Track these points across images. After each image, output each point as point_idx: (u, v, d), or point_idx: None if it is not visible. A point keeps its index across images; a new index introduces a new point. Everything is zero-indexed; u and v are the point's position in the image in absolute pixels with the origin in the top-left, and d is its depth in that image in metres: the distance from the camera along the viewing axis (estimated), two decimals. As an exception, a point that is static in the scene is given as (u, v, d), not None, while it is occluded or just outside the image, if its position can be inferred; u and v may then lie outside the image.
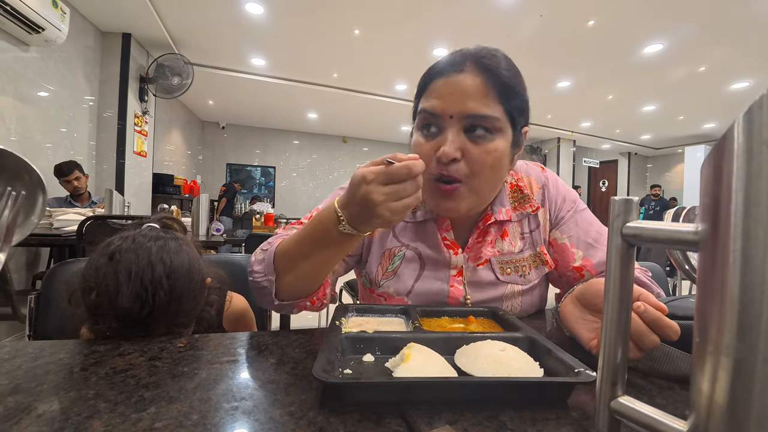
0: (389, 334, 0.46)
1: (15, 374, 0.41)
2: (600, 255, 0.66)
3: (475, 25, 3.81)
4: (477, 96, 0.55)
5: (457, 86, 0.56)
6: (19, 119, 2.77)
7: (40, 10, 2.53)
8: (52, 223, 2.23)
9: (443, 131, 0.57)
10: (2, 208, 0.39)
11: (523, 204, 0.69)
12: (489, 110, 0.55)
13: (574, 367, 0.37)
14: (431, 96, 0.58)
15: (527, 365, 0.40)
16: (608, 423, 0.26)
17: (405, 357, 0.39)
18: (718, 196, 0.17)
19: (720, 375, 0.17)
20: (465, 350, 0.43)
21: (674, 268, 2.68)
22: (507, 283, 0.67)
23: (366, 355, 0.44)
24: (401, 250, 0.68)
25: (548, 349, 0.42)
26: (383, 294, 0.67)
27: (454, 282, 0.66)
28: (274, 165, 8.63)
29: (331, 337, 0.43)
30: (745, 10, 3.39)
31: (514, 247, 0.67)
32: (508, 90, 0.57)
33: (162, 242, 0.60)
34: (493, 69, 0.56)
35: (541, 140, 8.96)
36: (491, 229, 0.67)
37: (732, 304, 0.16)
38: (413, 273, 0.66)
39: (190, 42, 4.30)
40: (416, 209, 0.68)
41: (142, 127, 4.20)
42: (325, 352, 0.39)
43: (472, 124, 0.56)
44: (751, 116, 0.16)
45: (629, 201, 0.25)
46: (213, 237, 2.54)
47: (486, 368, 0.38)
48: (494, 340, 0.44)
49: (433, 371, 0.38)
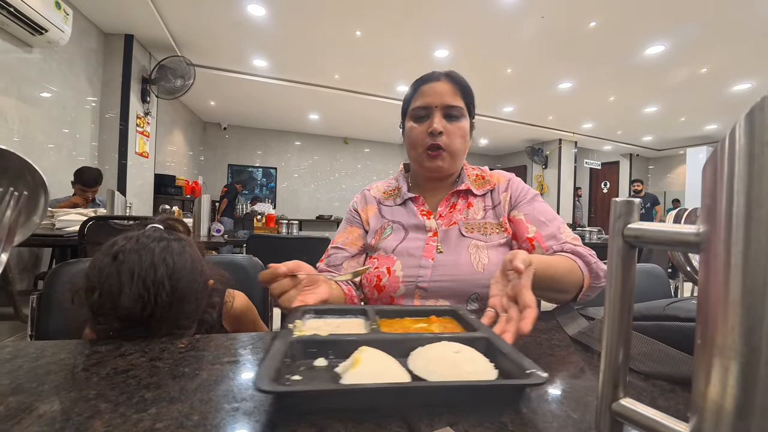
0: (343, 337, 0.44)
1: (16, 374, 0.41)
2: (549, 230, 0.82)
3: (477, 26, 3.81)
4: (450, 94, 0.85)
5: (438, 88, 0.85)
6: (22, 120, 2.79)
7: (43, 12, 2.54)
8: (54, 224, 2.23)
9: (430, 117, 0.84)
10: (4, 209, 0.40)
11: (484, 185, 0.92)
12: (457, 102, 0.85)
13: (526, 368, 0.36)
14: (421, 96, 0.86)
15: (480, 367, 0.39)
16: (609, 425, 0.26)
17: (354, 361, 0.37)
18: (719, 198, 0.17)
19: (722, 377, 0.17)
20: (419, 353, 0.42)
21: (676, 269, 2.68)
22: (470, 238, 0.84)
23: (318, 359, 0.42)
24: (389, 225, 0.91)
25: (503, 351, 0.41)
26: (377, 256, 0.88)
27: (430, 240, 0.85)
28: (276, 166, 8.64)
29: (278, 342, 0.41)
30: (747, 11, 3.38)
31: (477, 215, 0.88)
32: (466, 91, 0.87)
33: (165, 243, 0.60)
34: (457, 79, 0.87)
35: (542, 142, 8.95)
36: (459, 200, 0.90)
37: (734, 306, 0.16)
38: (399, 237, 0.88)
39: (192, 43, 4.31)
40: (396, 197, 0.94)
41: (144, 128, 4.22)
42: (270, 358, 0.36)
43: (448, 111, 0.84)
44: (752, 118, 0.16)
45: (630, 202, 0.25)
46: (213, 238, 2.55)
47: (438, 372, 0.37)
48: (450, 341, 0.43)
49: (383, 376, 0.36)
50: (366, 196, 0.98)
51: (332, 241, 0.95)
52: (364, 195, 0.99)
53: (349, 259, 0.90)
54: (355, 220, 0.96)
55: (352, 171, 9.28)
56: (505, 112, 6.91)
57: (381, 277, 0.83)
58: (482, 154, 10.49)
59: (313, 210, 8.76)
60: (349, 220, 0.97)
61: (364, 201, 0.97)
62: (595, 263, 0.76)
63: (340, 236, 0.95)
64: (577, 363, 0.49)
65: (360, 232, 0.94)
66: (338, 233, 0.96)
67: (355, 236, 0.93)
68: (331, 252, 0.92)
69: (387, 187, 0.98)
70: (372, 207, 0.95)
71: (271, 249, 2.36)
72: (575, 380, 0.44)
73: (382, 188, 0.98)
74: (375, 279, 0.83)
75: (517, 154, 10.02)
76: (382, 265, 0.84)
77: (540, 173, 9.14)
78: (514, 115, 7.06)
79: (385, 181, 1.01)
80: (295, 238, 2.49)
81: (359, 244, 0.93)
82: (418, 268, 0.81)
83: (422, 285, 0.80)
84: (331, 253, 0.92)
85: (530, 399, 0.38)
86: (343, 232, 0.95)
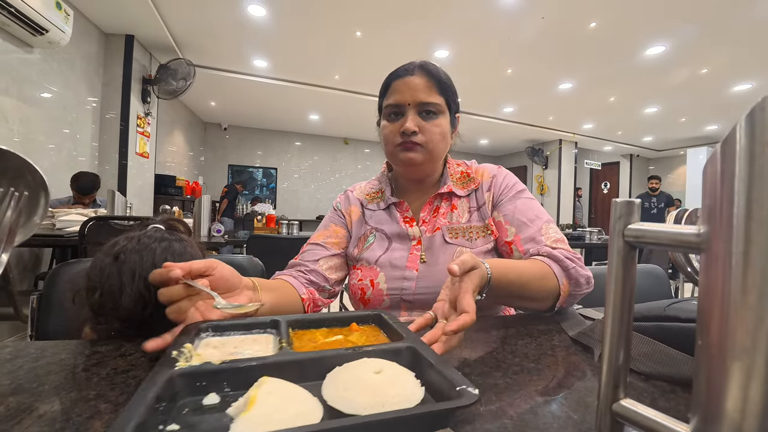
0: (238, 364, 0.36)
1: (17, 374, 0.41)
2: (529, 232, 0.76)
3: (477, 26, 3.81)
4: (424, 90, 0.77)
5: (411, 84, 0.77)
6: (23, 120, 2.79)
7: (43, 12, 2.54)
8: (54, 224, 2.23)
9: (404, 115, 0.77)
10: (5, 209, 0.40)
11: (468, 183, 0.86)
12: (433, 98, 0.77)
13: (455, 385, 0.32)
14: (393, 93, 0.79)
15: (406, 389, 0.34)
16: (610, 426, 0.26)
17: (249, 401, 0.30)
18: (720, 198, 0.17)
19: (722, 377, 0.17)
20: (335, 376, 0.36)
21: (676, 270, 2.68)
22: (455, 245, 0.79)
23: (209, 395, 0.34)
24: (372, 233, 0.85)
25: (430, 363, 0.37)
26: (360, 267, 0.83)
27: (414, 250, 0.80)
28: (276, 166, 8.65)
29: (155, 380, 0.32)
30: (748, 12, 3.38)
31: (462, 218, 0.83)
32: (444, 86, 0.79)
33: (166, 243, 0.60)
34: (434, 72, 0.79)
35: (542, 142, 8.95)
36: (442, 203, 0.84)
37: (734, 306, 0.16)
38: (382, 246, 0.83)
39: (192, 44, 4.32)
40: (380, 200, 0.88)
41: (145, 129, 4.22)
42: (137, 404, 0.29)
43: (423, 109, 0.77)
44: (753, 118, 0.16)
45: (631, 203, 0.25)
46: (214, 238, 2.55)
47: (357, 400, 0.32)
48: (372, 357, 0.38)
49: (285, 418, 0.29)
50: (349, 197, 0.92)
51: (310, 239, 0.88)
52: (348, 196, 0.93)
53: (327, 258, 0.84)
54: (340, 220, 0.90)
55: (352, 171, 9.28)
56: (505, 113, 6.91)
57: (365, 290, 0.79)
58: (482, 154, 10.50)
59: (314, 210, 8.77)
60: (332, 218, 0.91)
61: (348, 202, 0.92)
62: (574, 268, 0.69)
63: (320, 234, 0.88)
64: (577, 363, 0.49)
65: (344, 233, 0.88)
66: (318, 232, 0.89)
67: (339, 236, 0.87)
68: (307, 248, 0.85)
69: (370, 189, 0.92)
70: (356, 209, 0.90)
71: (271, 249, 2.36)
72: (575, 381, 0.44)
73: (366, 190, 0.93)
74: (359, 292, 0.80)
75: (517, 155, 10.02)
76: (365, 277, 0.80)
77: (540, 174, 9.14)
78: (515, 115, 7.06)
79: (368, 182, 0.95)
80: (296, 239, 2.49)
81: (342, 245, 0.87)
82: (402, 280, 0.77)
83: (407, 298, 0.76)
84: (308, 249, 0.85)
85: (529, 400, 0.38)
86: (325, 230, 0.88)
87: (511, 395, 0.39)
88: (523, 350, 0.53)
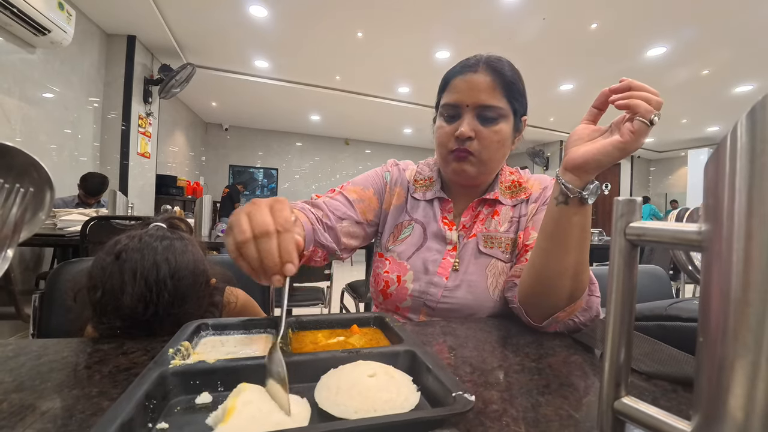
0: (233, 363, 0.37)
1: (19, 372, 0.41)
2: None
3: (478, 28, 3.81)
4: (487, 90, 0.69)
5: (472, 83, 0.70)
6: (25, 120, 2.80)
7: (46, 12, 2.55)
8: (56, 223, 2.24)
9: (460, 117, 0.71)
10: (11, 205, 0.40)
11: (518, 193, 0.80)
12: (495, 101, 0.70)
13: (451, 391, 0.32)
14: (452, 91, 0.72)
15: (399, 394, 0.33)
16: (611, 423, 0.26)
17: (227, 411, 0.30)
18: (721, 196, 0.17)
19: (724, 376, 0.17)
20: (329, 379, 0.36)
21: (677, 270, 2.67)
22: (489, 256, 0.75)
23: (202, 394, 0.34)
24: (410, 224, 0.80)
25: (428, 367, 0.37)
26: (389, 258, 0.78)
27: (448, 255, 0.76)
28: (277, 167, 8.65)
29: (145, 378, 0.33)
30: (749, 13, 3.38)
31: (500, 226, 0.77)
32: (510, 87, 0.71)
33: (168, 242, 0.60)
34: (500, 70, 0.71)
35: (543, 143, 8.95)
36: (483, 208, 0.79)
37: (736, 304, 0.16)
38: (417, 242, 0.78)
39: (194, 44, 4.33)
40: (427, 190, 0.82)
41: (146, 129, 4.23)
42: (124, 402, 0.29)
43: (482, 112, 0.70)
44: (754, 116, 0.16)
45: (632, 201, 0.25)
46: (218, 238, 2.55)
47: (348, 404, 0.32)
48: (368, 359, 0.38)
49: (264, 427, 0.28)
50: (401, 175, 0.85)
51: (345, 185, 0.81)
52: (400, 172, 0.85)
53: (352, 223, 0.77)
54: (380, 194, 0.82)
55: (353, 172, 9.28)
56: (506, 114, 6.90)
57: (389, 284, 0.75)
58: (483, 155, 10.49)
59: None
60: (374, 184, 0.82)
61: (398, 179, 0.84)
62: (590, 296, 0.62)
63: (355, 190, 0.80)
64: (579, 363, 0.49)
65: (376, 207, 0.81)
66: (355, 185, 0.81)
67: (370, 207, 0.80)
68: (339, 198, 0.77)
69: (419, 175, 0.85)
70: (401, 192, 0.83)
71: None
72: (577, 380, 0.44)
73: (415, 174, 0.85)
74: (383, 283, 0.76)
75: (518, 156, 10.01)
76: (393, 270, 0.76)
77: (541, 175, 9.13)
78: (516, 116, 7.05)
79: (418, 164, 0.88)
80: (296, 239, 2.48)
81: (368, 216, 0.80)
82: (429, 285, 0.73)
83: (430, 304, 0.73)
84: (339, 199, 0.77)
85: (530, 399, 0.38)
86: (363, 191, 0.80)
87: (513, 394, 0.39)
88: (524, 350, 0.53)
